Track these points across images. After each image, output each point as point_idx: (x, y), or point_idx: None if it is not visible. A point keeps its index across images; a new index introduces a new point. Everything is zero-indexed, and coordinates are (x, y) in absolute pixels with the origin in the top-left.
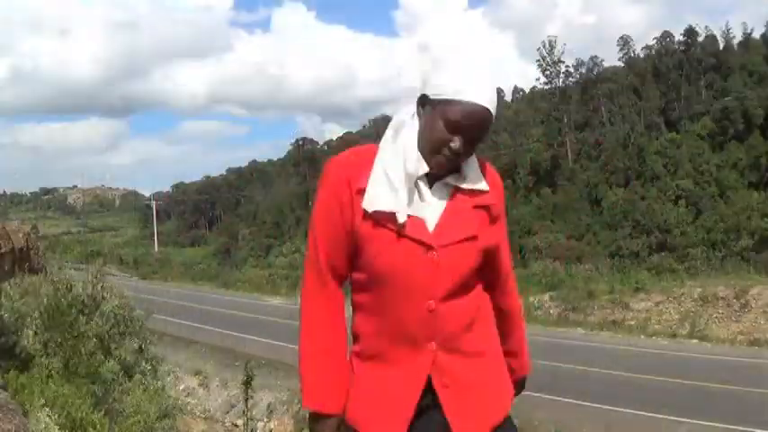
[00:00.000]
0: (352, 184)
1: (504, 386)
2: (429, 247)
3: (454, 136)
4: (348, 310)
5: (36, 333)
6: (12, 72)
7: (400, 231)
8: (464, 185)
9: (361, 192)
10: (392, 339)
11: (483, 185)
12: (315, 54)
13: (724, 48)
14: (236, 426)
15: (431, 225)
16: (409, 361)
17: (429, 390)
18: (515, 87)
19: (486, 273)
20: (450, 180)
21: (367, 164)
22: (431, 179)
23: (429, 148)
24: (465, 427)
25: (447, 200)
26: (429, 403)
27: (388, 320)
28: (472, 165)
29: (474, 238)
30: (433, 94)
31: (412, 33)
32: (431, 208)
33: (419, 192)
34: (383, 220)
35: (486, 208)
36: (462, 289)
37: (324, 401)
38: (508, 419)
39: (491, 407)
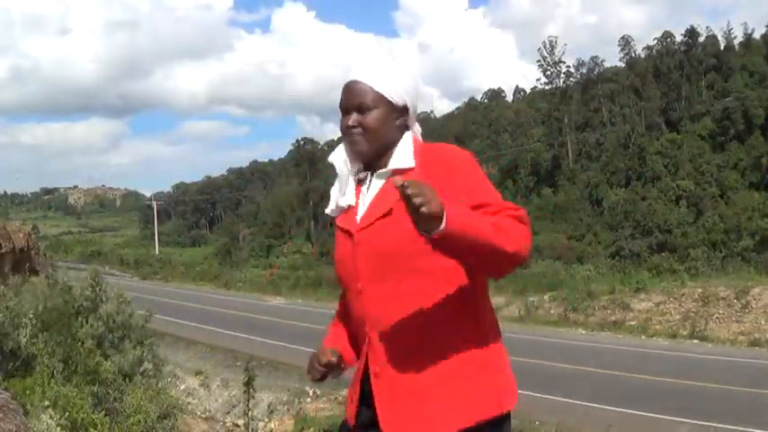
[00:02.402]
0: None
1: (466, 398)
2: (351, 234)
3: (345, 116)
4: None
5: (34, 334)
6: (12, 72)
7: (338, 225)
8: (389, 168)
9: None
10: (352, 325)
11: (405, 163)
12: (315, 54)
13: (725, 48)
14: (237, 426)
15: (361, 214)
16: (362, 344)
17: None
18: (516, 88)
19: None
20: (379, 169)
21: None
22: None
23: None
24: (392, 423)
25: (380, 188)
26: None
27: (346, 307)
28: (403, 147)
29: (388, 213)
30: None
31: (412, 33)
32: (367, 199)
33: (365, 188)
34: (336, 219)
35: None
36: (393, 272)
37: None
38: None
39: (436, 414)
